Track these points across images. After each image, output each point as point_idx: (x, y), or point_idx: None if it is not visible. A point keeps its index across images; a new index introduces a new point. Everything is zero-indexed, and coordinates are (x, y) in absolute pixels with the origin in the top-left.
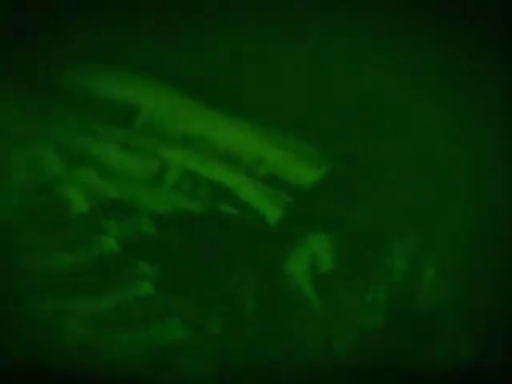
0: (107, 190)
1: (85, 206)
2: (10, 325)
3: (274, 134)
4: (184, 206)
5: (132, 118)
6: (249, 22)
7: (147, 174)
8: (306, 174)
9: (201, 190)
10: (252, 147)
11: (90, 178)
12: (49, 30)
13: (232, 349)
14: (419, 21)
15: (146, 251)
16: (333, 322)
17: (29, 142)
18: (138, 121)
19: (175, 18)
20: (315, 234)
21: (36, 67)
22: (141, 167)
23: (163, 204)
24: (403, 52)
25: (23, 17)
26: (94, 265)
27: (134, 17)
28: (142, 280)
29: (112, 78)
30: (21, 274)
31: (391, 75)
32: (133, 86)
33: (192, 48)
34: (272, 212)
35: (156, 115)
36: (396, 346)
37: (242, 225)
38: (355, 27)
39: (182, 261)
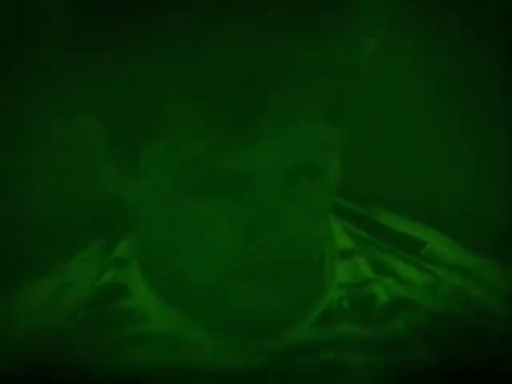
0: (400, 292)
1: (385, 300)
2: None
3: None
4: (454, 309)
5: (419, 248)
6: None
7: (426, 284)
8: None
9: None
10: None
11: (390, 283)
12: None
13: None
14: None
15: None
16: None
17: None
18: (424, 249)
19: None
20: None
21: None
22: (422, 279)
23: (438, 305)
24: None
25: None
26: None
27: None
28: None
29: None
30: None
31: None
32: (418, 229)
33: None
34: None
35: (437, 246)
36: None
37: None
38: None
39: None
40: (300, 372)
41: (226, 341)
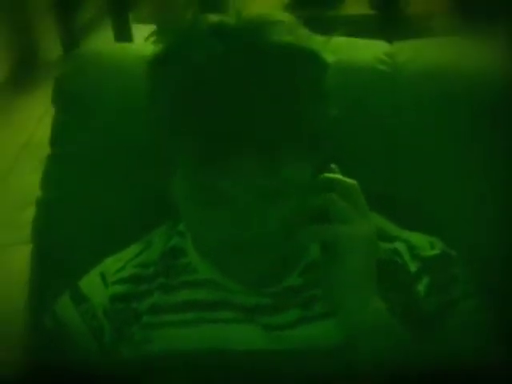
0: None
1: None
2: None
3: None
4: None
5: None
6: None
7: None
8: None
9: None
10: None
11: None
12: None
13: None
14: None
15: None
16: None
17: None
18: None
19: None
20: None
21: None
22: None
23: None
24: None
25: None
26: None
27: None
28: None
29: None
30: None
31: None
32: None
33: None
34: None
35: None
36: None
37: None
38: None
39: None
40: (290, 306)
41: (244, 286)
